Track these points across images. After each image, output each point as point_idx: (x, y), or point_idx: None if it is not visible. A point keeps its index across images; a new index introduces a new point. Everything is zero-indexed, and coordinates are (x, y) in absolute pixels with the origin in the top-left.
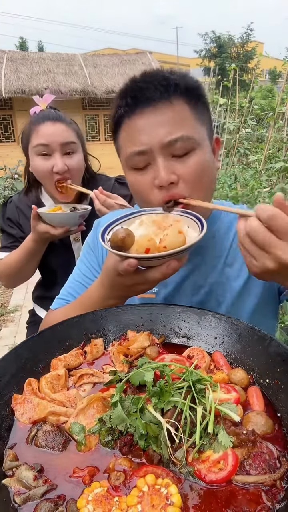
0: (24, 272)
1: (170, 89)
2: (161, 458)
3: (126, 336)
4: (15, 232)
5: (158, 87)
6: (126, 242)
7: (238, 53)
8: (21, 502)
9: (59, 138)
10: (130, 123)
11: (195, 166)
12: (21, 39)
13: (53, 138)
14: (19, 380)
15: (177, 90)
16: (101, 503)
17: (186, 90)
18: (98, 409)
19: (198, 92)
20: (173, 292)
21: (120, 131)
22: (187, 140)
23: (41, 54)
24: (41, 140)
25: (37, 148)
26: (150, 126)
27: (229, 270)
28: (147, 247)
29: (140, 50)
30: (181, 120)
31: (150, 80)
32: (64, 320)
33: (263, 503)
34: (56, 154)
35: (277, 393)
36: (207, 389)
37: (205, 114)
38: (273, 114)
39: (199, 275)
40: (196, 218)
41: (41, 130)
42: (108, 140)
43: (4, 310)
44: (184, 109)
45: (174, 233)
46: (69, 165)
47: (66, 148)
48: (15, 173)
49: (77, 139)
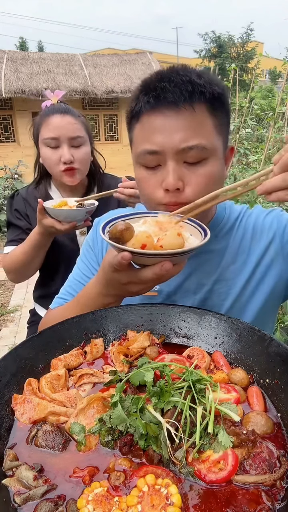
0: (30, 266)
1: (194, 96)
2: (161, 458)
3: (126, 336)
4: (23, 223)
5: (183, 92)
6: (125, 235)
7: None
8: (21, 502)
9: (68, 131)
10: (148, 119)
11: (204, 175)
12: (21, 39)
13: (62, 132)
14: (19, 380)
15: (201, 98)
16: (101, 503)
17: (210, 98)
18: (98, 409)
19: (222, 100)
20: (176, 290)
21: (136, 124)
22: (202, 150)
23: (41, 54)
24: (50, 134)
25: (46, 140)
26: (168, 129)
27: (232, 269)
28: (144, 243)
29: (140, 50)
30: (199, 128)
31: (176, 83)
32: (64, 320)
33: (263, 503)
34: (64, 146)
35: (277, 393)
36: (207, 389)
37: (225, 123)
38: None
39: (202, 274)
40: (199, 227)
41: (50, 123)
42: (108, 140)
43: (4, 310)
44: (205, 117)
45: (173, 235)
46: (75, 157)
47: (74, 142)
48: (15, 173)
49: (84, 132)
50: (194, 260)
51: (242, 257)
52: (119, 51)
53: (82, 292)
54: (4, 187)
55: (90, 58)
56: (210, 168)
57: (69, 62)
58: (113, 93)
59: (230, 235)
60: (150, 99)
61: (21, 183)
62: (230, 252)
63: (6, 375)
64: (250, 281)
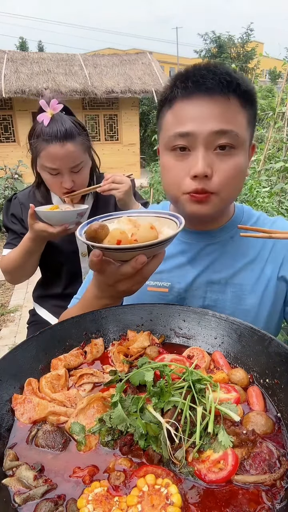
0: (24, 270)
1: (231, 86)
2: (161, 458)
3: (126, 336)
4: (17, 228)
5: (221, 80)
6: (99, 234)
7: (238, 53)
8: (21, 502)
9: (68, 162)
10: (182, 105)
11: (232, 165)
12: (21, 39)
13: (62, 163)
14: (19, 380)
15: (236, 90)
16: (101, 503)
17: (244, 93)
18: (98, 409)
19: (253, 98)
20: (187, 287)
21: (168, 110)
22: (235, 137)
23: (41, 54)
24: (50, 165)
25: (47, 169)
26: (202, 115)
27: (248, 273)
28: (119, 239)
29: (140, 50)
30: (234, 117)
31: (214, 72)
32: (64, 320)
33: (263, 503)
34: (65, 174)
35: (277, 393)
36: (207, 389)
37: (253, 121)
38: (273, 114)
39: (214, 272)
40: (173, 217)
41: (49, 152)
42: (108, 140)
43: (4, 310)
44: (239, 108)
45: (146, 228)
46: (76, 182)
47: (74, 169)
48: (15, 173)
49: (84, 153)
50: (206, 258)
51: (261, 264)
52: (119, 51)
53: (83, 295)
54: (4, 187)
55: (90, 58)
56: (238, 158)
57: (69, 62)
58: (113, 93)
59: (247, 238)
60: (189, 83)
61: (21, 183)
62: (246, 256)
63: (6, 375)
64: (265, 290)
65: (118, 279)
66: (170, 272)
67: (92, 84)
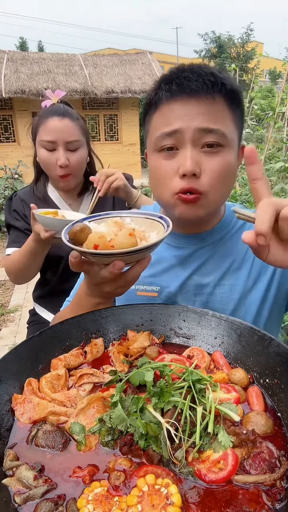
0: (28, 271)
1: (215, 87)
2: (161, 458)
3: (126, 336)
4: (21, 224)
5: (205, 81)
6: (79, 236)
7: (238, 53)
8: (21, 502)
9: (64, 135)
10: (168, 107)
11: (221, 164)
12: (21, 39)
13: (59, 135)
14: (19, 380)
15: (221, 90)
16: (101, 503)
17: (229, 93)
18: (98, 409)
19: (239, 98)
20: (176, 291)
21: (154, 113)
22: (221, 136)
23: (41, 54)
24: (47, 137)
25: (43, 143)
26: (188, 115)
27: (236, 274)
28: (96, 243)
29: (140, 50)
30: (220, 116)
31: (198, 73)
32: (64, 320)
33: (263, 503)
34: (60, 149)
35: (277, 393)
36: (207, 389)
37: (240, 121)
38: (273, 114)
39: (203, 275)
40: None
41: (48, 125)
42: (108, 140)
43: (4, 310)
44: (224, 108)
45: (124, 234)
46: (71, 161)
47: (70, 146)
48: (15, 173)
49: (82, 136)
50: (195, 261)
51: (247, 264)
52: (119, 51)
53: (77, 291)
54: (4, 187)
55: (90, 58)
56: (226, 157)
57: (69, 62)
58: (113, 93)
59: (236, 239)
60: (173, 86)
61: (21, 183)
62: (234, 257)
63: (6, 375)
64: (252, 290)
65: (100, 281)
66: (160, 276)
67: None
